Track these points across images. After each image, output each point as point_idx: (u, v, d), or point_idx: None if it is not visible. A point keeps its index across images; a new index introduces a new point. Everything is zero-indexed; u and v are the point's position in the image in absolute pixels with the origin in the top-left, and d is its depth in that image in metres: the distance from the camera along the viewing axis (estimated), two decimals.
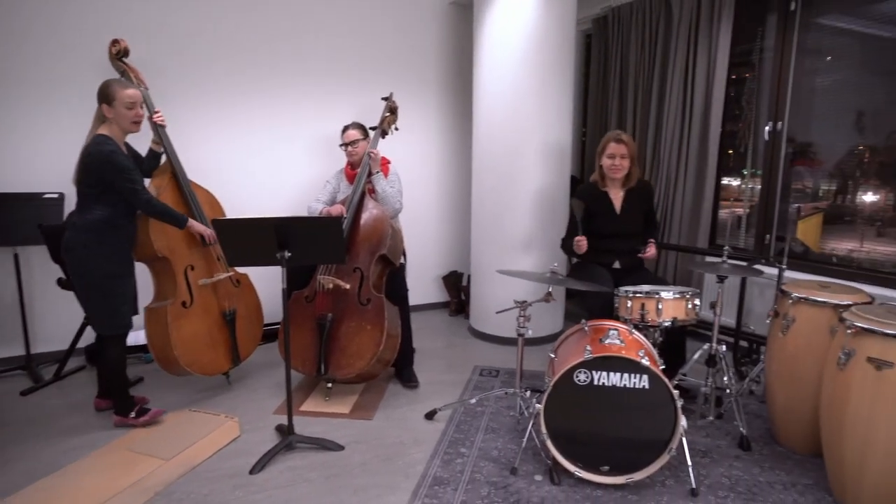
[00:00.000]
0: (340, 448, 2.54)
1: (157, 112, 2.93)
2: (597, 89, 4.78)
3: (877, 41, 3.27)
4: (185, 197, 2.99)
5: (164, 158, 2.98)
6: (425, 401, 3.05)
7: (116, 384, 2.74)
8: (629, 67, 4.37)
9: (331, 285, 3.05)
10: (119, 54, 2.93)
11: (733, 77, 3.92)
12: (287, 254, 2.36)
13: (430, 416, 2.86)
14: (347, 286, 3.05)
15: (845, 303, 2.35)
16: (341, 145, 3.46)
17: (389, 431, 2.73)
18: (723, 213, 4.10)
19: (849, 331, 2.12)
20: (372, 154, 3.26)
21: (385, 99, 3.57)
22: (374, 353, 2.91)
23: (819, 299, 2.44)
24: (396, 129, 3.60)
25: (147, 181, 2.90)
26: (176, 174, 2.97)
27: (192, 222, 2.87)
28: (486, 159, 3.95)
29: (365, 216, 3.22)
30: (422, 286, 4.77)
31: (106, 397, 2.88)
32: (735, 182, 4.03)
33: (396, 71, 4.40)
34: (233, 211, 3.31)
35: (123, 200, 2.57)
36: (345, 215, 3.17)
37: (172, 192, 2.95)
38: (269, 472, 2.36)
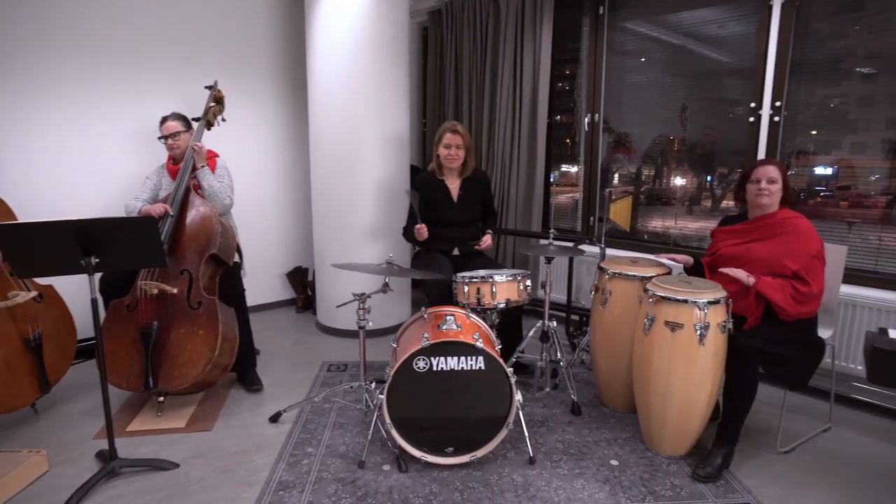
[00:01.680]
0: (175, 466, 2.34)
1: None
2: (434, 81, 4.88)
3: (673, 47, 3.72)
4: None
5: None
6: (270, 403, 2.92)
7: None
8: (463, 60, 4.52)
9: (155, 291, 2.79)
10: None
11: (567, 72, 4.25)
12: (94, 260, 2.09)
13: (274, 418, 2.74)
14: (174, 290, 2.80)
15: (649, 275, 2.66)
16: (160, 138, 3.16)
17: (231, 440, 2.57)
18: (564, 199, 4.43)
19: (650, 300, 2.41)
20: (196, 147, 3.03)
21: (209, 88, 3.34)
22: (209, 360, 2.72)
23: (630, 273, 2.74)
24: (224, 119, 3.39)
25: None
26: None
27: None
28: (323, 150, 3.86)
29: (191, 214, 2.99)
30: (266, 284, 4.55)
31: None
32: (574, 169, 4.37)
33: (223, 58, 4.09)
34: (31, 216, 2.84)
35: None
36: (169, 213, 2.91)
37: None
38: None
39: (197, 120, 3.23)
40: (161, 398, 2.78)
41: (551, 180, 4.49)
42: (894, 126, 2.91)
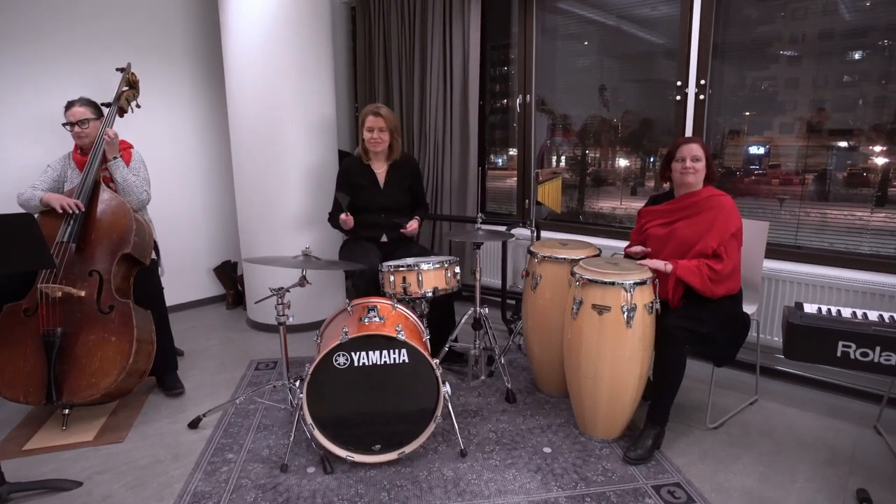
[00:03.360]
0: (77, 485, 2.15)
1: None
2: (364, 63, 4.70)
3: (607, 28, 3.67)
4: None
5: None
6: (191, 408, 2.75)
7: None
8: (392, 41, 4.36)
9: (58, 294, 2.55)
10: None
11: (512, 56, 4.15)
12: None
13: (194, 424, 2.58)
14: (82, 293, 2.58)
15: (578, 258, 2.62)
16: (65, 125, 2.89)
17: (143, 451, 2.40)
18: (511, 182, 4.35)
19: (577, 283, 2.37)
20: (107, 136, 2.78)
21: (121, 70, 3.08)
22: (123, 367, 2.52)
23: (559, 256, 2.69)
24: (138, 105, 3.15)
25: None
26: None
27: None
28: (244, 136, 3.64)
29: (101, 209, 2.75)
30: (193, 281, 4.32)
31: None
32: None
33: (135, 38, 3.79)
34: None
35: None
36: (74, 211, 2.66)
37: None
38: None
39: (108, 106, 2.98)
40: (66, 411, 2.57)
41: (499, 164, 4.42)
42: (817, 107, 2.97)
